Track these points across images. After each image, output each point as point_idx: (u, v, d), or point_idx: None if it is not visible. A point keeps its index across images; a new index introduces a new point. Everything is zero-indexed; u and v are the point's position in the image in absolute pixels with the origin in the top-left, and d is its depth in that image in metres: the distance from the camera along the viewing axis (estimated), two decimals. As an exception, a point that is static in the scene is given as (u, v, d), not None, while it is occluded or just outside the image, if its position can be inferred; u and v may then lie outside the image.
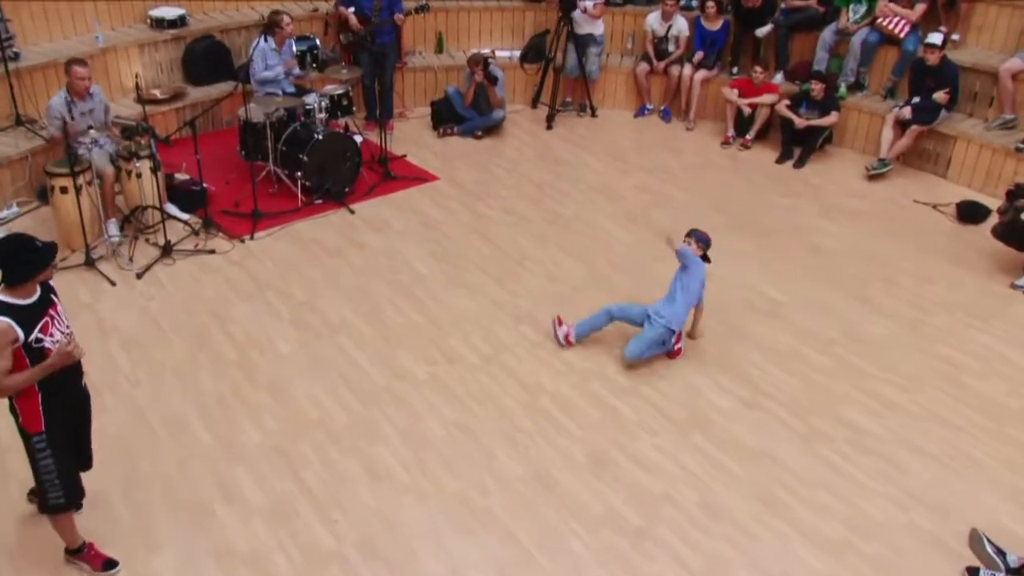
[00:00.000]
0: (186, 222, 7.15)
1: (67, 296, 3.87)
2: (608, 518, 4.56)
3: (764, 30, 9.19)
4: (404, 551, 4.34)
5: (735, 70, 9.50)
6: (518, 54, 9.88)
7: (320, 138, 7.36)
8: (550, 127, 9.40)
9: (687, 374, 5.66)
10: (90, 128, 6.56)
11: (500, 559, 4.32)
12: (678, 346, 5.75)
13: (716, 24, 9.32)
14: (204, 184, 7.19)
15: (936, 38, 8.03)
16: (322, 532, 4.42)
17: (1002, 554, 4.34)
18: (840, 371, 5.74)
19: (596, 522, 4.53)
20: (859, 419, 5.32)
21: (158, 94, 8.42)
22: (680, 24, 9.36)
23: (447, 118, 9.20)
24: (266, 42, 7.84)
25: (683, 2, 9.62)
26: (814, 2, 9.16)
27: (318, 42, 9.29)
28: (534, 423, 5.20)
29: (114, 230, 6.80)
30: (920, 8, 8.53)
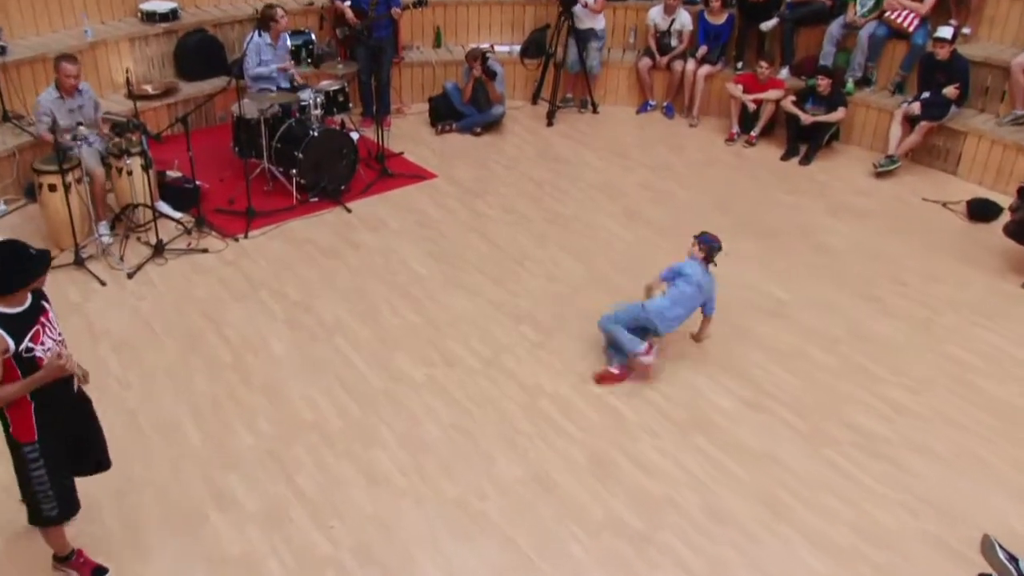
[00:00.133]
0: (178, 221, 7.16)
1: (56, 297, 3.86)
2: (609, 522, 4.57)
3: (769, 24, 9.20)
4: (401, 557, 4.34)
5: (739, 65, 9.51)
6: (518, 49, 9.88)
7: (315, 135, 7.37)
8: (550, 124, 9.41)
9: (689, 375, 5.67)
10: (79, 125, 6.56)
11: (499, 565, 4.32)
12: (647, 358, 5.49)
13: (720, 18, 9.33)
14: (197, 182, 7.21)
15: (946, 32, 8.03)
16: (317, 537, 4.43)
17: (1015, 560, 4.34)
18: (846, 372, 5.75)
19: (597, 526, 4.54)
20: (865, 420, 5.33)
21: (149, 89, 8.44)
22: (683, 18, 9.37)
23: (445, 114, 9.21)
24: (260, 36, 7.86)
25: (686, -5, 9.66)
26: (820, -5, 9.19)
27: (313, 37, 9.32)
28: (534, 425, 5.21)
29: (104, 229, 6.82)
30: (930, 1, 8.53)
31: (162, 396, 5.35)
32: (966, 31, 8.61)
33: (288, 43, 8.36)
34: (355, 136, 8.11)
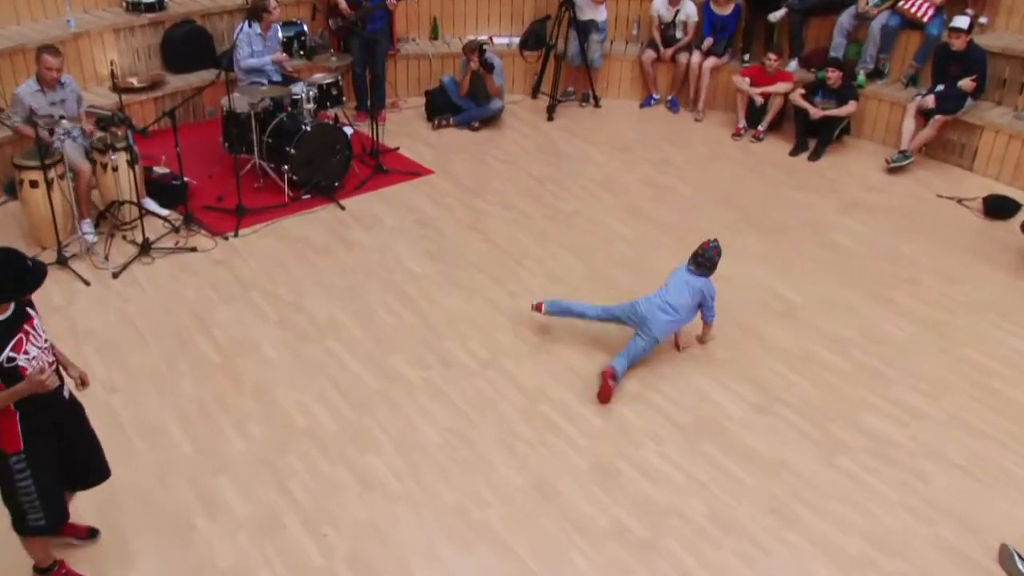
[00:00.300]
0: (166, 218, 7.15)
1: (38, 298, 3.83)
2: (612, 531, 4.56)
3: (778, 15, 9.20)
4: (397, 566, 4.33)
5: (747, 57, 9.52)
6: (517, 41, 9.89)
7: (308, 130, 7.37)
8: (551, 118, 9.42)
9: (695, 378, 5.66)
10: (62, 119, 6.55)
11: (499, 574, 4.31)
12: (609, 375, 5.39)
13: (726, 8, 9.33)
14: (185, 178, 7.21)
15: (962, 21, 8.01)
16: (310, 546, 4.42)
17: (1033, 570, 4.34)
18: (859, 375, 5.74)
19: (600, 535, 4.53)
20: (879, 426, 5.32)
21: (135, 82, 8.43)
22: (688, 9, 9.37)
23: (442, 109, 9.21)
24: (251, 27, 7.85)
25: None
26: (831, -15, 9.20)
27: (306, 28, 9.31)
28: (534, 430, 5.21)
29: (88, 227, 6.80)
30: (945, -10, 8.55)
31: (148, 399, 5.34)
32: (983, 20, 8.61)
33: (279, 34, 8.36)
34: (349, 131, 8.10)
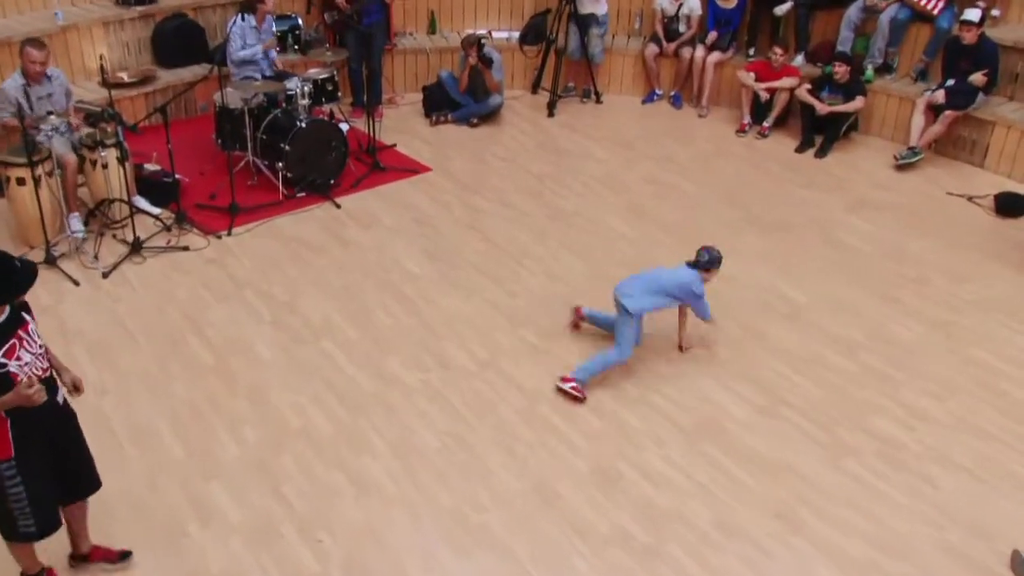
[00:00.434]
0: (157, 217, 7.16)
1: (27, 297, 3.86)
2: (614, 535, 4.58)
3: (783, 8, 9.22)
4: (394, 572, 4.35)
5: (752, 52, 9.52)
6: (517, 35, 9.90)
7: (303, 126, 7.38)
8: (551, 114, 9.43)
9: (698, 380, 5.68)
10: (49, 114, 6.56)
11: (497, 580, 4.34)
12: (571, 379, 5.46)
13: (731, 2, 9.33)
14: (176, 175, 7.21)
15: (973, 14, 8.00)
16: (305, 552, 4.43)
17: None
18: (866, 377, 5.76)
19: (601, 540, 4.55)
20: (887, 429, 5.34)
21: (125, 77, 8.44)
22: (692, 2, 9.38)
23: (440, 104, 9.23)
24: (244, 19, 7.87)
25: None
26: (838, -23, 9.21)
27: (300, 22, 9.33)
28: (534, 433, 5.22)
29: (77, 225, 6.82)
30: (956, -19, 8.55)
31: (139, 402, 5.35)
32: (995, 13, 8.59)
33: (273, 27, 8.38)
34: (345, 127, 8.12)
